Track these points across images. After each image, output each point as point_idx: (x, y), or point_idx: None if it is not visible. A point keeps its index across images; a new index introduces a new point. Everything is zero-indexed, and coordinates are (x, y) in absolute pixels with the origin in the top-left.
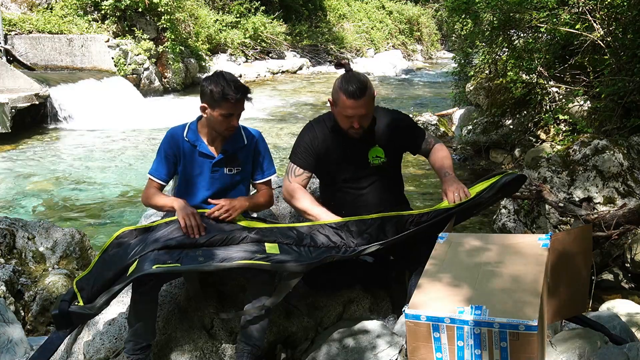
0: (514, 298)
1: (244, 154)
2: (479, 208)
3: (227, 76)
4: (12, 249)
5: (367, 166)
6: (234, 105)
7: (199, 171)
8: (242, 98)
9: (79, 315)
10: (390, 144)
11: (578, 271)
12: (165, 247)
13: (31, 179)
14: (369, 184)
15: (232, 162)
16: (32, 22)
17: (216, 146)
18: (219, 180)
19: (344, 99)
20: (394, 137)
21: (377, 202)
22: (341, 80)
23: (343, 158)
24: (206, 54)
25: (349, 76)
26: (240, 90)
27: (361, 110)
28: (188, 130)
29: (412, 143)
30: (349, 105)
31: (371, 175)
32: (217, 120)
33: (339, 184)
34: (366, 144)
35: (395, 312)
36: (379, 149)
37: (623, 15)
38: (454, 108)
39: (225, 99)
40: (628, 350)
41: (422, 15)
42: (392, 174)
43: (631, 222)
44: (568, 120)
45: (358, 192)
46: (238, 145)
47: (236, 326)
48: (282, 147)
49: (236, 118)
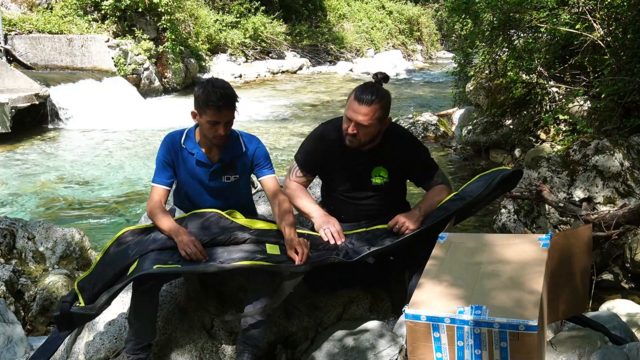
0: (514, 298)
1: (242, 161)
2: (477, 207)
3: (215, 83)
4: (12, 249)
5: (368, 183)
6: (218, 113)
7: (197, 178)
8: (225, 106)
9: (80, 316)
10: (397, 169)
11: (578, 271)
12: (166, 247)
13: (31, 179)
14: (368, 197)
15: (230, 170)
16: (32, 22)
17: (214, 154)
18: (217, 187)
19: (352, 100)
20: (404, 165)
21: (376, 213)
22: (363, 85)
23: (345, 170)
24: (206, 54)
25: (370, 85)
26: (223, 98)
27: (361, 118)
28: (185, 137)
29: (419, 178)
30: (352, 107)
31: (371, 191)
32: (205, 127)
33: (339, 192)
34: (372, 162)
35: (395, 312)
36: (384, 170)
37: (623, 15)
38: (454, 108)
39: (208, 105)
40: (628, 350)
41: (422, 15)
42: (393, 191)
43: (631, 222)
44: (568, 120)
45: (358, 202)
46: (236, 153)
47: (236, 326)
48: (282, 147)
49: (223, 126)
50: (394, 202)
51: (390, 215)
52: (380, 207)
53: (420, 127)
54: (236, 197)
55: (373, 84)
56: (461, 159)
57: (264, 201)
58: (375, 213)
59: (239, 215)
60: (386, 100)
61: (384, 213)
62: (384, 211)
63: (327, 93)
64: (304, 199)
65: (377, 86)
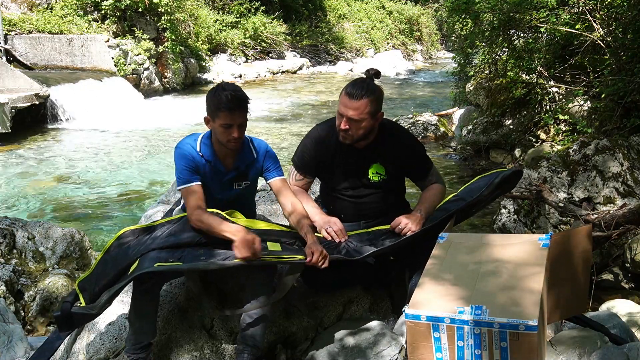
0: (514, 298)
1: (254, 169)
2: (477, 207)
3: (226, 86)
4: (12, 249)
5: (366, 180)
6: (231, 116)
7: (210, 185)
8: (237, 108)
9: (81, 316)
10: (394, 166)
11: (578, 271)
12: (166, 245)
13: (31, 179)
14: (367, 195)
15: (242, 178)
16: (32, 22)
17: (228, 162)
18: (227, 194)
19: (343, 96)
20: (400, 161)
21: (376, 211)
22: (353, 80)
23: (343, 168)
24: (206, 54)
25: (361, 80)
26: (235, 100)
27: (352, 112)
28: (201, 145)
29: (415, 174)
30: (343, 103)
31: (369, 189)
32: (219, 132)
33: (338, 191)
34: (369, 159)
35: (395, 312)
36: (381, 167)
37: (623, 15)
38: (454, 108)
39: (220, 109)
40: (628, 350)
41: (422, 15)
42: (392, 189)
43: (631, 222)
44: (568, 120)
45: (357, 201)
46: (249, 160)
47: (236, 326)
48: (283, 147)
49: (237, 129)
50: (393, 201)
51: (390, 214)
52: (379, 205)
53: (420, 127)
54: (242, 203)
55: (364, 79)
56: (461, 159)
57: (264, 201)
58: (374, 211)
59: (239, 215)
60: (377, 95)
61: (384, 212)
62: (383, 210)
63: (327, 93)
64: (304, 202)
65: (367, 81)
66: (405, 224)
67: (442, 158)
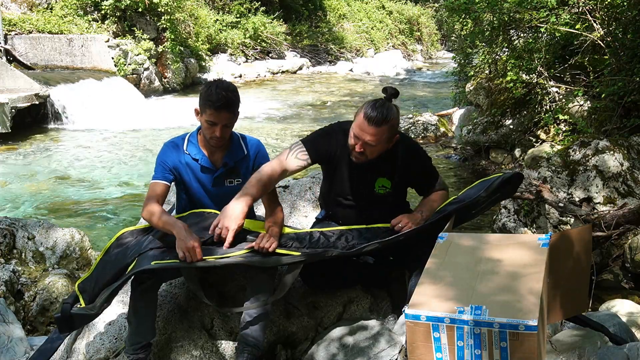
0: (514, 298)
1: (245, 165)
2: (477, 210)
3: (220, 84)
4: (12, 249)
5: (371, 193)
6: (217, 114)
7: (201, 183)
8: (225, 108)
9: (81, 317)
10: (402, 180)
11: (578, 271)
12: (165, 245)
13: (31, 179)
14: (370, 207)
15: (233, 174)
16: (32, 22)
17: (217, 158)
18: (220, 191)
19: (361, 118)
20: (407, 175)
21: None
22: (373, 102)
23: (349, 178)
24: (206, 54)
25: (381, 103)
26: (224, 100)
27: (369, 138)
28: (188, 143)
29: (421, 188)
30: (360, 126)
31: (373, 201)
32: (204, 127)
33: (341, 196)
34: (377, 172)
35: (395, 312)
36: (387, 181)
37: (623, 15)
38: (454, 108)
39: (208, 105)
40: (628, 350)
41: (422, 15)
42: (396, 201)
43: (631, 222)
44: (568, 120)
45: (359, 210)
46: (239, 157)
47: (236, 326)
48: (284, 147)
49: (220, 129)
50: (395, 210)
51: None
52: (381, 215)
53: (420, 127)
54: None
55: (383, 101)
56: (461, 159)
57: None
58: (376, 222)
59: None
60: (395, 119)
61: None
62: (385, 221)
63: (327, 93)
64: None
65: (387, 104)
66: (405, 223)
67: (442, 158)
